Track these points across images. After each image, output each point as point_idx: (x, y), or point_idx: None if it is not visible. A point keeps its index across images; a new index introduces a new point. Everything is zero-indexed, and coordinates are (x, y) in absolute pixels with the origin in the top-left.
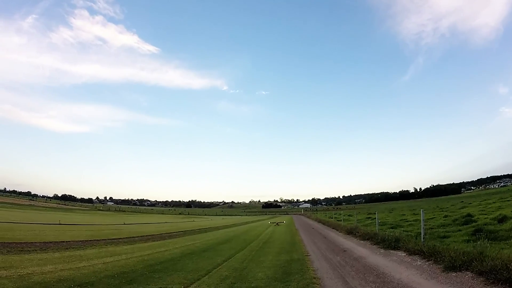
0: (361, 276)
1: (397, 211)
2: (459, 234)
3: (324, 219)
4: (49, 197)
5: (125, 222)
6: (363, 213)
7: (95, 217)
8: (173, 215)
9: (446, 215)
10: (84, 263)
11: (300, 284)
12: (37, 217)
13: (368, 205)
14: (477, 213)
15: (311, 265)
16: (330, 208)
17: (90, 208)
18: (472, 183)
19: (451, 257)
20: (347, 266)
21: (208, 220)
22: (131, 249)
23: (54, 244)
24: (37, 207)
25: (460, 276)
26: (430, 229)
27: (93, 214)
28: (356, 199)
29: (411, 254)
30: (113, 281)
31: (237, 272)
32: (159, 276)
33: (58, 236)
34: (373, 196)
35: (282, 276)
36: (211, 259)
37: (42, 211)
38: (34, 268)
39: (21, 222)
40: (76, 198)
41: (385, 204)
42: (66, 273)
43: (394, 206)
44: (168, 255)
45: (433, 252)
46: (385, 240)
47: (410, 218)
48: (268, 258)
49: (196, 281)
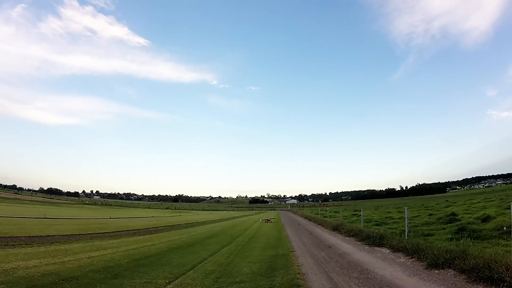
0: (345, 272)
1: (383, 209)
2: (443, 233)
3: (311, 215)
4: (34, 190)
5: (111, 216)
6: (349, 210)
7: (81, 211)
8: (160, 209)
9: (431, 213)
10: (69, 257)
11: (285, 279)
12: (22, 211)
13: (355, 202)
14: (462, 212)
15: (296, 261)
16: (317, 205)
17: (76, 202)
18: (457, 183)
19: (434, 254)
20: (332, 262)
21: (195, 215)
22: (117, 243)
23: (40, 238)
24: (23, 201)
25: (442, 274)
26: (415, 227)
27: (79, 208)
28: (342, 195)
29: (395, 251)
30: (98, 275)
31: (222, 267)
32: (144, 270)
33: (44, 230)
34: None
35: (267, 271)
36: (197, 253)
37: (28, 205)
38: (19, 262)
39: (6, 216)
40: (62, 192)
41: (371, 202)
42: (51, 267)
43: (380, 204)
44: (154, 250)
45: (416, 249)
46: (370, 237)
47: (395, 215)
48: (254, 253)
49: (181, 275)
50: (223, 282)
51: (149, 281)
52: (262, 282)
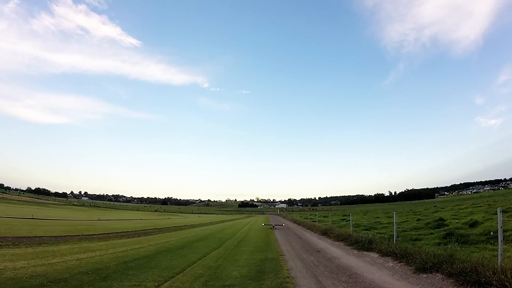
0: (334, 276)
1: (372, 214)
2: (431, 237)
3: (300, 220)
4: (22, 190)
5: (100, 218)
6: (338, 214)
7: (69, 212)
8: (148, 212)
9: (419, 218)
10: (57, 259)
11: (274, 283)
12: (9, 211)
13: (344, 207)
14: (449, 217)
15: (285, 265)
16: (306, 209)
17: (64, 202)
18: (446, 189)
19: (422, 259)
20: (321, 266)
21: (184, 218)
22: (106, 245)
23: (27, 239)
24: (10, 200)
25: (430, 277)
26: (403, 232)
27: (67, 209)
28: (331, 200)
29: (383, 255)
30: (87, 277)
31: (211, 271)
32: (133, 273)
33: (31, 231)
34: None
35: (256, 275)
36: (186, 257)
37: (15, 205)
38: (6, 263)
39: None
40: (50, 192)
41: (360, 207)
42: (39, 269)
43: (369, 209)
44: (142, 252)
45: (405, 254)
46: (358, 242)
47: (384, 220)
48: (243, 256)
49: (170, 278)
50: (212, 286)
51: (138, 284)
52: (251, 286)
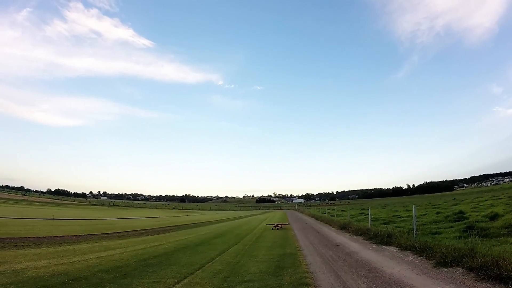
0: (353, 271)
1: (390, 207)
2: (451, 231)
3: (318, 214)
4: (42, 192)
5: (119, 216)
6: (356, 208)
7: (88, 212)
8: (167, 209)
9: (439, 211)
10: (78, 257)
11: (293, 278)
12: (30, 212)
13: (362, 200)
14: (469, 210)
15: (304, 260)
16: (324, 204)
17: (84, 202)
18: (464, 181)
19: (442, 253)
20: (340, 260)
21: (202, 215)
22: (125, 243)
23: (48, 239)
24: (31, 202)
25: (451, 272)
26: (422, 225)
27: (87, 209)
28: (349, 194)
29: (403, 249)
30: (107, 275)
31: (230, 266)
32: (153, 270)
33: (52, 231)
34: (367, 192)
35: (275, 270)
36: (205, 253)
37: (36, 206)
38: (28, 263)
39: (15, 217)
40: (70, 193)
41: (378, 200)
42: (60, 267)
43: (387, 202)
44: (162, 250)
45: (424, 248)
46: (377, 236)
47: (402, 214)
48: (261, 252)
49: (189, 275)
50: (231, 281)
51: (158, 281)
52: (270, 281)
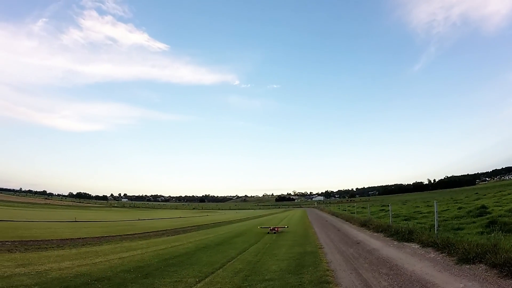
0: (375, 268)
1: (411, 203)
2: (473, 226)
3: (338, 212)
4: (64, 195)
5: (140, 217)
6: (376, 205)
7: (110, 214)
8: (187, 210)
9: (460, 207)
10: (100, 258)
11: (314, 276)
12: (53, 215)
13: (382, 197)
14: (492, 204)
15: (325, 258)
16: (344, 201)
17: (105, 205)
18: (486, 174)
19: (464, 249)
20: (361, 258)
21: (222, 214)
22: (146, 244)
23: (71, 241)
24: (53, 206)
25: (473, 269)
26: (444, 221)
27: (108, 211)
28: (369, 191)
29: (424, 246)
30: (129, 275)
31: (251, 265)
32: (174, 269)
33: (74, 233)
34: (387, 188)
35: (296, 268)
36: (225, 252)
37: (58, 209)
38: (52, 264)
39: (38, 220)
40: (91, 196)
41: (399, 196)
42: (83, 268)
43: (407, 198)
44: (182, 249)
45: (446, 244)
46: (398, 232)
47: (423, 210)
48: (282, 251)
49: (210, 274)
50: (252, 280)
51: (179, 280)
52: (291, 280)
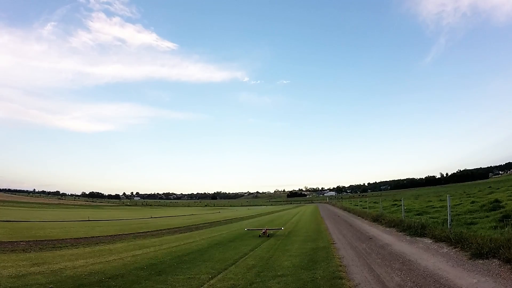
0: (387, 264)
1: (423, 198)
2: (487, 221)
3: (349, 207)
4: (77, 195)
5: (152, 215)
6: (388, 200)
7: (122, 212)
8: (199, 207)
9: (473, 201)
10: (114, 256)
11: (326, 271)
12: (66, 215)
13: (394, 191)
14: (505, 198)
15: (337, 253)
16: (356, 196)
17: (118, 204)
18: (500, 167)
19: (478, 244)
20: (373, 253)
21: (234, 211)
22: (159, 241)
23: (85, 239)
24: (66, 206)
25: (487, 264)
26: (457, 216)
27: (121, 210)
28: (381, 186)
29: (437, 241)
30: (143, 272)
31: (263, 261)
32: (187, 266)
33: (88, 232)
34: (399, 183)
35: (308, 264)
36: (238, 249)
37: (71, 209)
38: (66, 263)
39: (52, 220)
40: (104, 195)
41: (411, 191)
42: (97, 266)
43: (420, 193)
44: (195, 246)
45: (459, 239)
46: (411, 227)
47: (436, 204)
48: (294, 246)
49: (223, 270)
50: (265, 276)
51: (192, 277)
52: (303, 275)
